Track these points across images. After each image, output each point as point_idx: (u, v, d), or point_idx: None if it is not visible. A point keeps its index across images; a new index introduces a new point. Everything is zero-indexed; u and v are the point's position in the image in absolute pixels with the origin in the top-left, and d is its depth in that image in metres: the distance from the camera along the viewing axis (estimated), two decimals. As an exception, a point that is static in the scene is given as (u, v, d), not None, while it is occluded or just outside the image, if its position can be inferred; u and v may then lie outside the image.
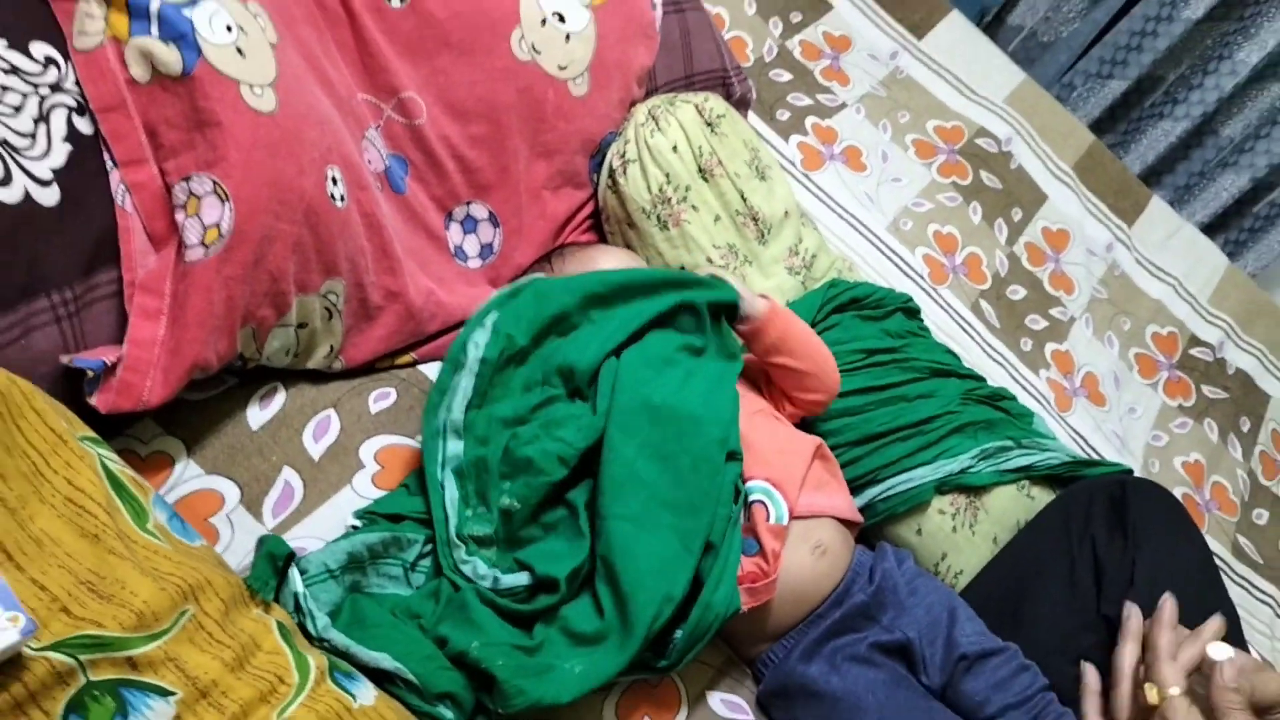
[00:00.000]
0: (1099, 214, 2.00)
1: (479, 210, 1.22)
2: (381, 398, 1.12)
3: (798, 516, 1.06)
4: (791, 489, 1.06)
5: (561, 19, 1.23)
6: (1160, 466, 1.69)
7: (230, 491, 0.99)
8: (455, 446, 1.00)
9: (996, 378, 1.60)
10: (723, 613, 0.97)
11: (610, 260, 1.24)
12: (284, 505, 1.01)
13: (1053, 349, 1.73)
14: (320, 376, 1.10)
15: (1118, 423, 1.70)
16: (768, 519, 1.03)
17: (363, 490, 1.04)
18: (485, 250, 1.24)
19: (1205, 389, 1.86)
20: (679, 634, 0.97)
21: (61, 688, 0.69)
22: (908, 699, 1.02)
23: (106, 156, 0.91)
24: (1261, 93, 2.62)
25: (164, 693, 0.73)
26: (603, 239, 1.34)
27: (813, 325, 1.27)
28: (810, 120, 1.77)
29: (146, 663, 0.73)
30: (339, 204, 1.02)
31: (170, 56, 0.90)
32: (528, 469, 0.99)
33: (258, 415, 1.04)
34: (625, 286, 1.07)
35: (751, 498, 1.03)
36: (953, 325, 1.62)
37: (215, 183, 0.91)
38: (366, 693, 0.84)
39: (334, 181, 1.02)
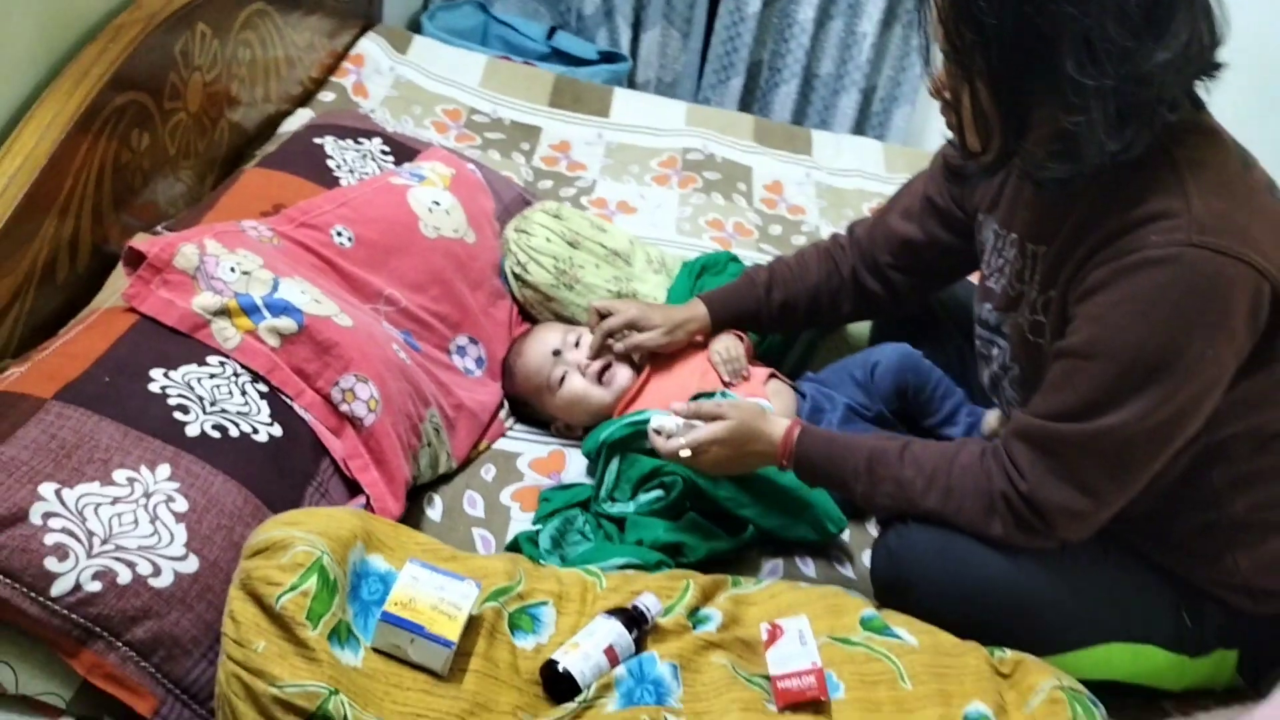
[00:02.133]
0: (787, 160, 2.74)
1: (462, 340, 1.77)
2: (487, 471, 1.64)
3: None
4: (759, 388, 1.69)
5: (438, 203, 1.80)
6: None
7: (455, 554, 1.48)
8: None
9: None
10: None
11: (546, 333, 1.79)
12: (487, 548, 1.51)
13: (819, 248, 2.42)
14: (445, 478, 1.61)
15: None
16: None
17: (520, 518, 1.56)
18: (479, 362, 1.78)
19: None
20: None
21: (500, 619, 1.19)
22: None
23: (284, 397, 1.41)
24: (828, 33, 3.49)
25: (543, 603, 1.24)
26: (533, 322, 1.90)
27: (689, 292, 1.88)
28: (584, 199, 2.41)
29: (526, 593, 1.24)
30: (408, 362, 1.55)
31: (287, 323, 1.42)
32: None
33: (434, 513, 1.55)
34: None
35: None
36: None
37: (356, 376, 1.43)
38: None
39: (398, 350, 1.54)
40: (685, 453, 1.41)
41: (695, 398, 1.61)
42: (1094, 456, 1.22)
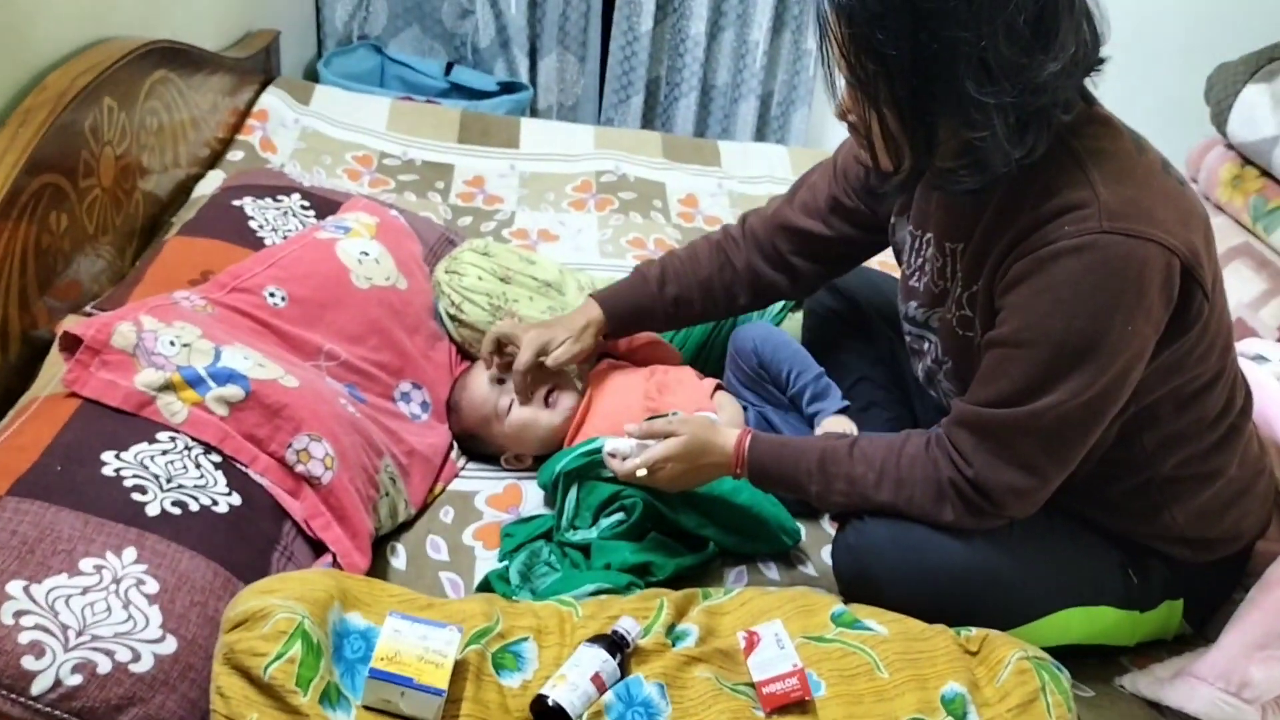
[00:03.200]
0: (697, 173, 2.80)
1: (406, 386, 1.78)
2: (445, 514, 1.66)
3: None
4: (706, 401, 1.73)
5: (366, 253, 1.81)
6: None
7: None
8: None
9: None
10: None
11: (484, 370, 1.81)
12: (456, 591, 1.52)
13: (740, 257, 2.48)
14: (405, 526, 1.61)
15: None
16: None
17: (485, 556, 1.58)
18: (424, 406, 1.79)
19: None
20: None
21: (484, 661, 1.21)
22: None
23: (239, 465, 1.41)
24: (721, 45, 3.56)
25: (524, 639, 1.26)
26: (473, 359, 1.92)
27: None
28: (505, 231, 2.43)
29: (506, 632, 1.26)
30: (357, 415, 1.56)
31: (233, 391, 1.42)
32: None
33: (399, 562, 1.55)
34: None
35: None
36: (681, 280, 2.31)
37: (309, 435, 1.43)
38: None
39: (345, 405, 1.55)
40: (641, 472, 1.45)
41: (649, 420, 1.64)
42: (1033, 437, 1.28)
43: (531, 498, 1.71)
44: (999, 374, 1.28)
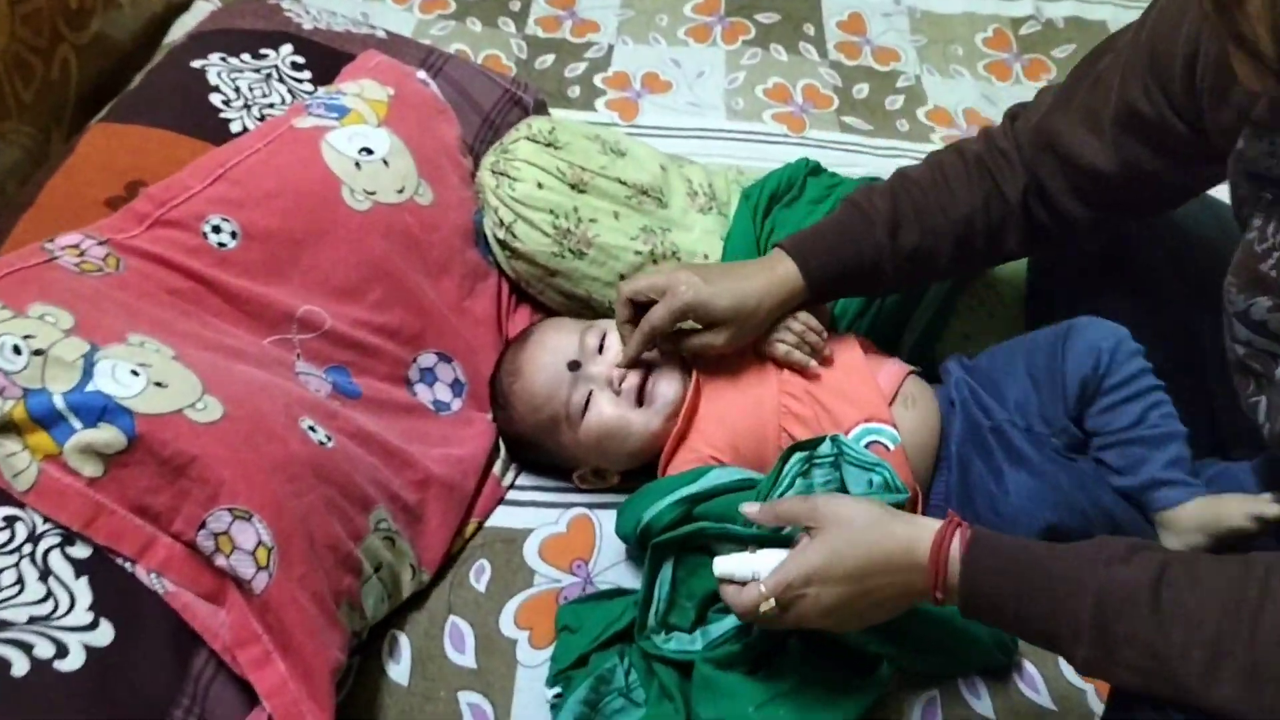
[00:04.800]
0: (869, -21, 2.05)
1: (426, 359, 1.19)
2: (479, 573, 1.10)
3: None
4: (880, 406, 1.09)
5: (369, 150, 1.19)
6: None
7: (437, 748, 0.96)
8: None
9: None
10: None
11: (555, 336, 1.19)
12: (485, 723, 0.98)
13: (925, 111, 1.77)
14: (418, 597, 1.07)
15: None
16: (888, 449, 1.06)
17: (531, 661, 1.03)
18: (456, 386, 1.21)
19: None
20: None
21: None
22: (1064, 482, 1.05)
23: (119, 561, 0.87)
24: None
25: None
26: (535, 305, 1.32)
27: (757, 242, 1.27)
28: (597, 78, 1.77)
29: None
30: (330, 445, 0.99)
31: (109, 434, 0.86)
32: None
33: (399, 671, 1.01)
34: None
35: (865, 442, 1.05)
36: (842, 154, 1.63)
37: (230, 509, 0.87)
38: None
39: (312, 430, 0.98)
40: (767, 605, 0.86)
41: (790, 452, 1.01)
42: None
43: (610, 545, 1.13)
44: None
